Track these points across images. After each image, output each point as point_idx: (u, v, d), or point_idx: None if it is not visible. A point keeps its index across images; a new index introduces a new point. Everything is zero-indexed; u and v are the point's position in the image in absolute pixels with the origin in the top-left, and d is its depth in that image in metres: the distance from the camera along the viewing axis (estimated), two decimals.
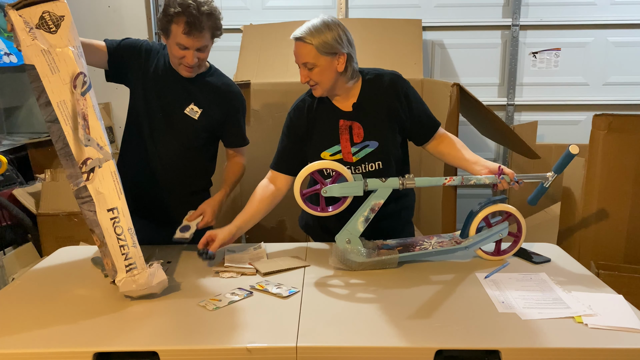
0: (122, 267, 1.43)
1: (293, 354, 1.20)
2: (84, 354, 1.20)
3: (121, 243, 1.43)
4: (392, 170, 1.77)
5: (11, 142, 3.42)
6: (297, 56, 1.69)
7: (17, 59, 3.27)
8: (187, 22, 1.66)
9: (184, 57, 1.73)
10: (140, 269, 1.44)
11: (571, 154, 1.63)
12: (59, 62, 1.39)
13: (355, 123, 1.74)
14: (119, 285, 1.43)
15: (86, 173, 1.42)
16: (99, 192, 1.42)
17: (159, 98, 1.83)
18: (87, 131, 1.41)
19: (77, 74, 1.40)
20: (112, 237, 1.42)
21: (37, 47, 1.37)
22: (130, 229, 1.44)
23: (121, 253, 1.43)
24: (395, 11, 3.55)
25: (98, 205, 1.42)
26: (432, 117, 1.82)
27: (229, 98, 1.88)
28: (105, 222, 1.42)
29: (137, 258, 1.44)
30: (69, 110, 1.40)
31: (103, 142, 1.43)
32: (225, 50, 3.37)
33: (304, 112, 1.78)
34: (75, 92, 1.40)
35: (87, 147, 1.41)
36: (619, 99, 3.60)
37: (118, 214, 1.43)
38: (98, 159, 1.42)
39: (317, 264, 1.67)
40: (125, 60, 1.83)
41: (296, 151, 1.80)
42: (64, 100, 1.40)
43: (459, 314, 1.34)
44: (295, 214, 2.04)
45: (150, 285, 1.44)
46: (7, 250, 2.85)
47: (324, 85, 1.69)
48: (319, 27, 1.64)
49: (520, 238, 1.69)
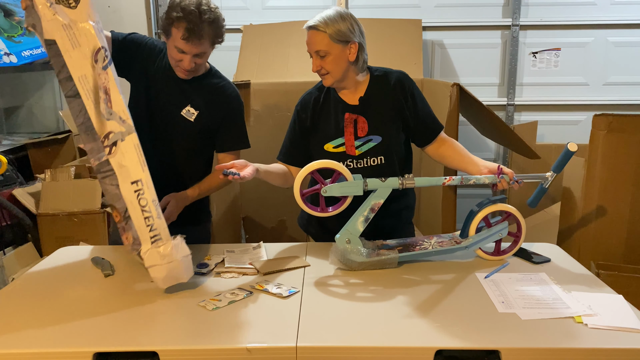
0: (146, 238, 1.41)
1: (293, 354, 1.20)
2: (84, 354, 1.20)
3: (146, 215, 1.40)
4: (394, 167, 1.79)
5: (11, 142, 3.42)
6: (310, 44, 1.71)
7: (17, 59, 3.27)
8: (187, 28, 1.65)
9: (181, 60, 1.72)
10: (165, 239, 1.42)
11: (570, 151, 1.63)
12: (80, 37, 1.38)
13: (360, 117, 1.76)
14: (144, 258, 1.41)
15: (108, 147, 1.40)
16: (122, 166, 1.40)
17: (158, 98, 1.83)
18: (109, 105, 1.40)
19: (98, 48, 1.40)
20: (136, 209, 1.40)
21: (58, 22, 1.36)
22: (154, 201, 1.42)
23: (146, 225, 1.40)
24: (395, 11, 3.55)
25: (121, 179, 1.40)
26: (436, 120, 1.84)
27: (225, 101, 1.86)
28: (129, 194, 1.40)
29: (162, 229, 1.42)
30: (90, 85, 1.39)
31: (125, 115, 1.42)
32: (225, 50, 3.36)
33: (311, 104, 1.81)
34: (96, 66, 1.39)
35: (110, 120, 1.40)
36: (619, 99, 3.60)
37: (142, 186, 1.41)
38: (120, 132, 1.41)
39: (317, 264, 1.67)
40: (129, 54, 1.82)
41: (305, 143, 1.83)
42: (85, 75, 1.39)
43: (459, 314, 1.34)
44: (295, 214, 2.04)
45: (175, 257, 1.41)
46: (7, 250, 2.85)
47: (335, 74, 1.72)
48: (333, 17, 1.68)
49: (520, 238, 1.69)
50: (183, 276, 1.46)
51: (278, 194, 1.96)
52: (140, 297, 1.46)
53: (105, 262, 1.68)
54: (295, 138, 1.84)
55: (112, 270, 1.63)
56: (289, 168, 1.84)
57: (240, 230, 3.10)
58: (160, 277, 1.44)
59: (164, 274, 1.43)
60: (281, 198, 2.56)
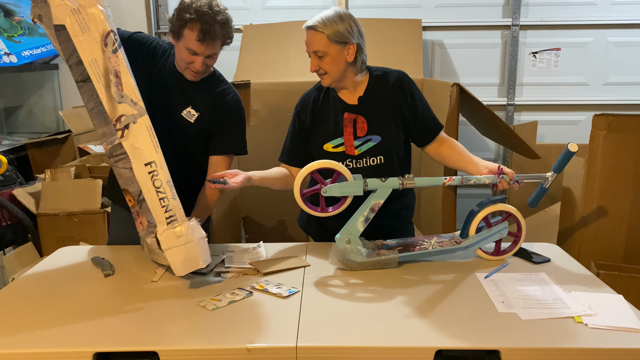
0: (162, 220, 1.41)
1: (293, 354, 1.20)
2: (84, 354, 1.20)
3: (160, 196, 1.41)
4: (393, 167, 1.79)
5: (11, 142, 3.42)
6: (308, 44, 1.72)
7: (17, 59, 3.27)
8: (201, 30, 1.65)
9: (193, 62, 1.72)
10: (181, 220, 1.42)
11: (570, 151, 1.63)
12: (89, 22, 1.39)
13: (359, 117, 1.76)
14: (161, 239, 1.41)
15: (120, 130, 1.41)
16: (135, 148, 1.41)
17: (160, 98, 1.83)
18: (120, 88, 1.40)
19: (107, 32, 1.40)
20: (150, 190, 1.41)
21: (67, 7, 1.37)
22: (169, 182, 1.42)
23: (161, 206, 1.41)
24: (395, 11, 3.55)
25: (134, 161, 1.41)
26: (436, 119, 1.84)
27: (225, 105, 1.85)
28: (142, 177, 1.41)
29: (177, 210, 1.42)
30: (100, 69, 1.40)
31: (137, 97, 1.42)
32: (225, 50, 3.36)
33: (310, 104, 1.81)
34: (106, 50, 1.40)
35: (121, 104, 1.41)
36: (619, 99, 3.60)
37: (156, 167, 1.41)
38: (132, 114, 1.41)
39: (317, 264, 1.67)
40: (132, 53, 1.82)
41: (304, 143, 1.83)
42: (96, 59, 1.40)
43: (459, 314, 1.34)
44: (295, 214, 2.04)
45: (191, 238, 1.41)
46: (7, 250, 2.85)
47: (333, 74, 1.72)
48: (332, 18, 1.68)
49: (520, 238, 1.69)
50: (201, 259, 1.45)
51: (278, 194, 1.96)
52: (140, 297, 1.46)
53: (105, 262, 1.68)
54: (295, 139, 1.84)
55: (112, 270, 1.63)
56: (291, 169, 1.83)
57: (240, 230, 3.10)
58: (178, 262, 1.43)
59: (182, 257, 1.43)
60: (281, 198, 2.56)
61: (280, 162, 1.87)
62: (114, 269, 1.64)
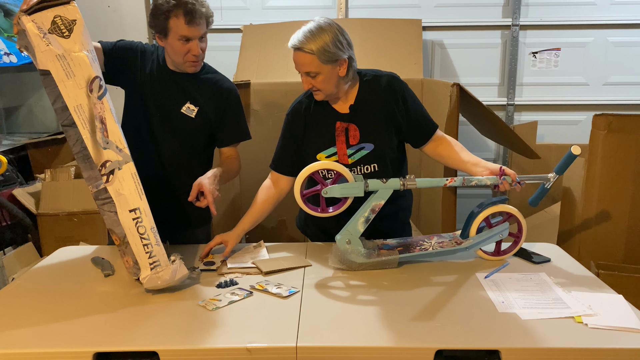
0: (146, 265, 1.44)
1: (293, 354, 1.20)
2: (84, 354, 1.20)
3: (144, 242, 1.43)
4: (388, 173, 1.77)
5: (11, 142, 3.42)
6: (299, 65, 1.68)
7: (17, 59, 3.27)
8: (186, 12, 1.67)
9: (189, 50, 1.74)
10: (164, 265, 1.45)
11: (573, 154, 1.63)
12: (74, 67, 1.39)
13: (351, 125, 1.74)
14: (144, 282, 1.44)
15: (106, 175, 1.42)
16: (120, 194, 1.42)
17: (156, 98, 1.84)
18: (105, 134, 1.42)
19: (92, 78, 1.41)
20: (134, 236, 1.43)
21: (52, 53, 1.37)
22: (152, 228, 1.45)
23: (145, 251, 1.43)
24: (395, 11, 3.55)
25: (119, 206, 1.42)
26: (430, 119, 1.82)
27: (223, 94, 1.87)
28: (127, 222, 1.43)
29: (160, 255, 1.45)
30: (86, 114, 1.41)
31: (122, 144, 1.44)
32: (225, 50, 3.38)
33: (302, 113, 1.79)
34: (91, 96, 1.40)
35: (106, 149, 1.42)
36: (619, 99, 3.60)
37: (140, 214, 1.43)
38: (117, 161, 1.43)
39: (317, 264, 1.67)
40: (121, 61, 1.84)
41: (296, 152, 1.80)
42: (81, 105, 1.40)
43: (459, 314, 1.34)
44: (295, 214, 2.04)
45: (173, 280, 1.45)
46: (7, 250, 2.85)
47: (327, 91, 1.70)
48: (315, 32, 1.63)
49: (521, 239, 1.69)
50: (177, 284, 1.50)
51: None
52: (140, 297, 1.46)
53: (105, 262, 1.68)
54: (287, 146, 1.82)
55: (112, 270, 1.63)
56: (281, 177, 1.82)
57: None
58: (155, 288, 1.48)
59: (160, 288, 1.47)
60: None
61: (271, 169, 1.85)
62: (114, 269, 1.64)
